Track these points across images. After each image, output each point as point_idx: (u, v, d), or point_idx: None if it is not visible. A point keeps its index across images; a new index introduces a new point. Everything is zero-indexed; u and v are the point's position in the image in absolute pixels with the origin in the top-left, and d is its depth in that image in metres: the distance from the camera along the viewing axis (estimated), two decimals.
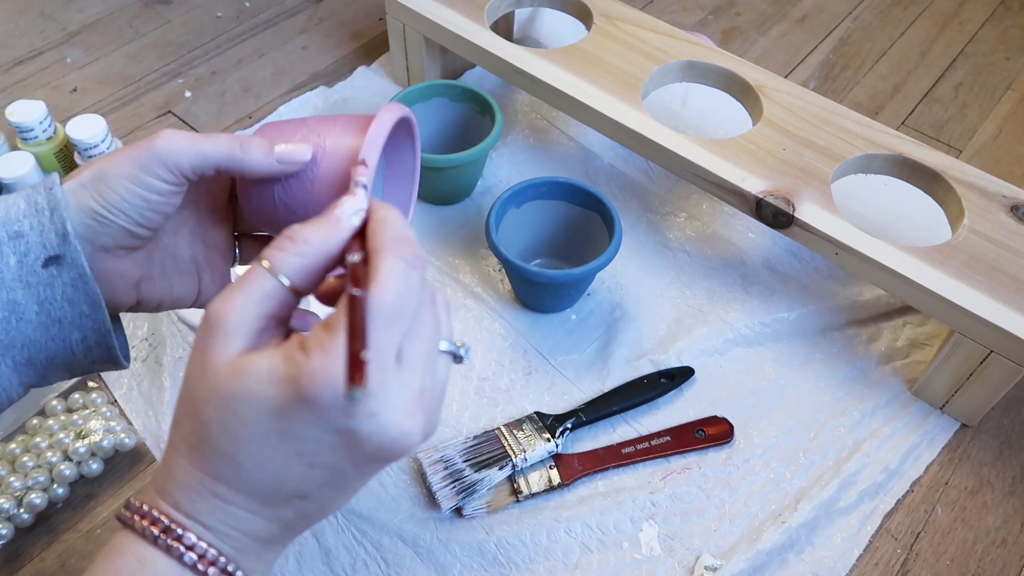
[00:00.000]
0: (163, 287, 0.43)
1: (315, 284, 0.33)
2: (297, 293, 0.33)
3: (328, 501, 0.34)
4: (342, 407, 0.29)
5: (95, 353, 0.39)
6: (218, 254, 0.45)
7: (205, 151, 0.38)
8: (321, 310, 0.42)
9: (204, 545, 0.32)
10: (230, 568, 0.33)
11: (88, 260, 0.38)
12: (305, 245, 0.32)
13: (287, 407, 0.30)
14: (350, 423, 0.30)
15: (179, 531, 0.32)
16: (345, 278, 0.32)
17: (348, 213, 0.33)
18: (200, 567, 0.32)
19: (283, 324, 0.34)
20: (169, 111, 0.86)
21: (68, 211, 0.37)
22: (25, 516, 0.54)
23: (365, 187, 0.34)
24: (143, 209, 0.38)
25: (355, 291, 0.29)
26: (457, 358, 0.35)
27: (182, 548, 0.32)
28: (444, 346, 0.34)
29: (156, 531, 0.32)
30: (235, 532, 0.33)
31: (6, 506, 0.54)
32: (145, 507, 0.33)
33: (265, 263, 0.32)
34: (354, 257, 0.31)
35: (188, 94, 0.87)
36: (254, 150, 0.38)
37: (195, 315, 0.65)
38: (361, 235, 0.33)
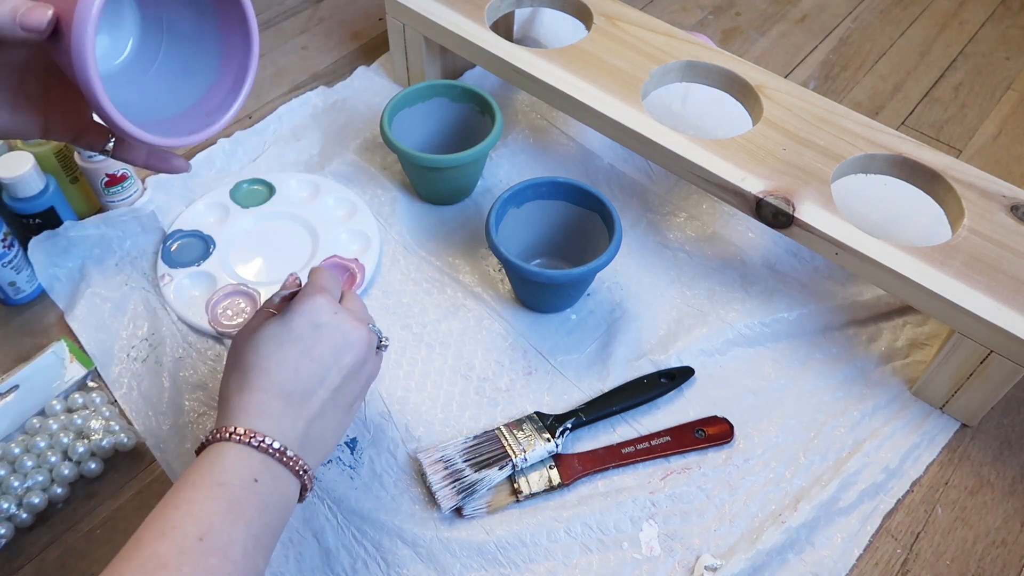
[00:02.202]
0: None
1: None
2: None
3: (327, 403, 0.48)
4: (318, 309, 0.49)
5: None
6: (64, 114, 0.47)
7: None
8: None
9: (270, 440, 0.45)
10: (290, 454, 0.45)
11: None
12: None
13: (290, 322, 0.49)
14: (326, 317, 0.49)
15: (256, 435, 0.44)
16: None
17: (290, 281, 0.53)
18: (276, 456, 0.45)
19: None
20: None
21: None
22: (25, 516, 0.55)
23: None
24: None
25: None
26: (380, 342, 0.54)
27: (262, 443, 0.44)
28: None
29: (239, 436, 0.44)
30: (279, 434, 0.45)
31: (6, 506, 0.54)
32: (224, 431, 0.44)
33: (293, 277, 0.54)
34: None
35: None
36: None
37: (197, 316, 0.65)
38: None
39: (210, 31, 0.48)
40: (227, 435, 0.44)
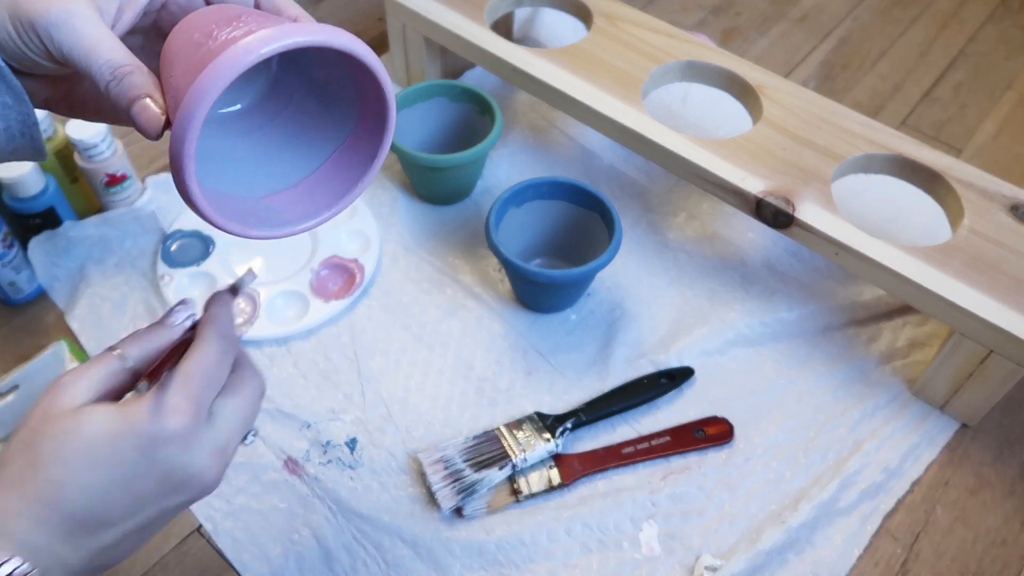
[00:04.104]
0: (73, 111, 0.43)
1: (150, 367, 0.40)
2: (136, 374, 0.40)
3: (125, 536, 0.37)
4: (165, 438, 0.36)
5: (19, 142, 0.41)
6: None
7: (89, 59, 0.37)
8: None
9: (19, 561, 0.34)
10: None
11: None
12: (148, 343, 0.40)
13: (119, 437, 0.36)
14: (174, 449, 0.36)
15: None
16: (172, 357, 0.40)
17: (180, 320, 0.41)
18: None
19: (119, 398, 0.40)
20: None
21: None
22: None
23: (192, 315, 0.42)
24: (17, 55, 0.38)
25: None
26: (245, 439, 0.41)
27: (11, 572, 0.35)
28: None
29: None
30: (48, 557, 0.35)
31: None
32: None
33: (117, 351, 0.39)
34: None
35: None
36: (118, 92, 0.37)
37: None
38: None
39: (333, 123, 0.42)
40: None
